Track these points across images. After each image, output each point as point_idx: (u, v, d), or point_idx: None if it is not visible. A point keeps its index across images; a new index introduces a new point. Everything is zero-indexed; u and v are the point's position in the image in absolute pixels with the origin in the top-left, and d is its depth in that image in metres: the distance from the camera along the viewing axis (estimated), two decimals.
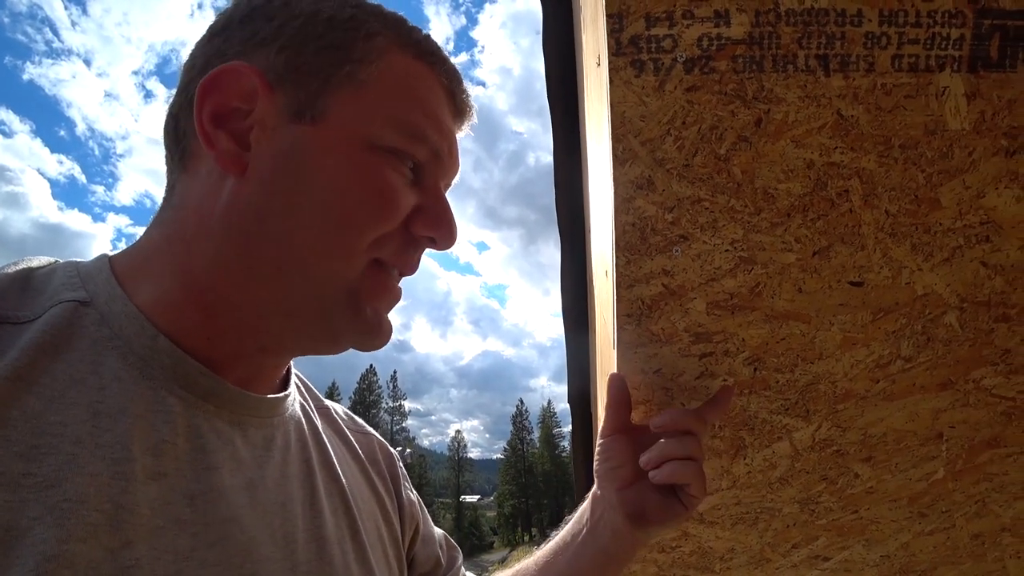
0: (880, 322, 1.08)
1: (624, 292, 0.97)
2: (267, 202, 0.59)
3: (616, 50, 0.85)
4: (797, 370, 1.12)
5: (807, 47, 0.97)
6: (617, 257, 0.94)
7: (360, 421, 0.94)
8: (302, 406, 0.78)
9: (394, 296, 0.69)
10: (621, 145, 0.88)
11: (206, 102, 0.59)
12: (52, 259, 0.63)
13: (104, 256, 0.63)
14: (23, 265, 0.59)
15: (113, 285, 0.58)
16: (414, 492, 0.98)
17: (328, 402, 0.89)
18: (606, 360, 1.20)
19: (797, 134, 0.98)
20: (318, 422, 0.80)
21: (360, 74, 0.61)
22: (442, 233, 0.68)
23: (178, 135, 0.64)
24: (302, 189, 0.59)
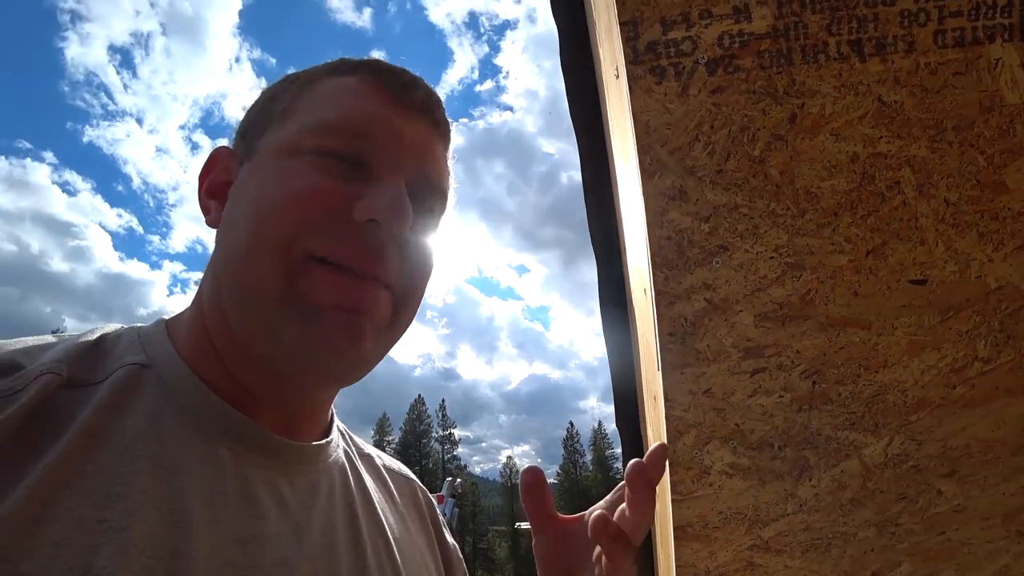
0: (950, 322, 0.98)
1: (665, 310, 0.91)
2: (222, 236, 0.67)
3: (633, 58, 0.81)
4: (861, 381, 1.03)
5: (838, 33, 0.91)
6: (654, 274, 0.89)
7: (401, 466, 0.95)
8: (345, 452, 0.80)
9: (351, 293, 0.62)
10: (648, 156, 0.83)
11: (202, 183, 0.71)
12: (120, 325, 0.70)
13: (162, 320, 0.70)
14: (98, 333, 0.66)
15: (168, 347, 0.64)
16: (451, 537, 0.94)
17: (369, 448, 0.91)
18: (651, 382, 1.14)
19: (836, 127, 0.91)
20: (361, 467, 0.81)
21: (286, 110, 0.68)
22: (380, 211, 0.62)
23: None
24: (237, 213, 0.65)
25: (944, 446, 1.06)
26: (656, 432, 1.35)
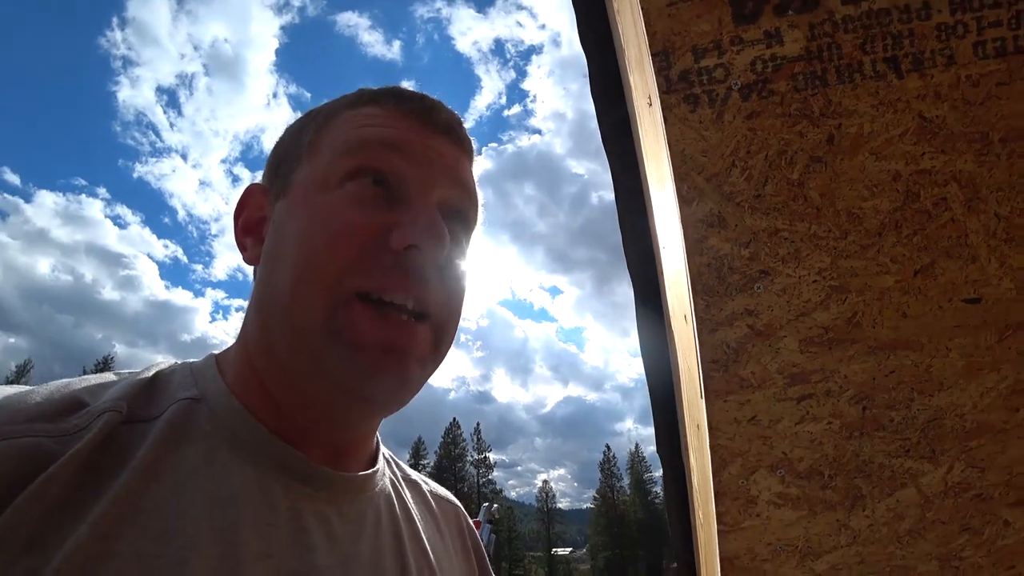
0: (1009, 341, 0.94)
1: (706, 337, 0.90)
2: (264, 274, 0.67)
3: (667, 88, 0.81)
4: (914, 405, 0.99)
5: (872, 52, 0.90)
6: (695, 301, 0.87)
7: (446, 492, 0.96)
8: (391, 480, 0.81)
9: (397, 333, 0.63)
10: (685, 184, 0.83)
11: (237, 221, 0.73)
12: (174, 360, 0.72)
13: (212, 355, 0.71)
14: (154, 370, 0.68)
15: (218, 381, 0.66)
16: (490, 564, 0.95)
17: (415, 474, 0.92)
18: (694, 410, 1.11)
19: (876, 145, 0.89)
20: (407, 495, 0.82)
21: (312, 143, 0.69)
22: (417, 236, 0.62)
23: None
24: (278, 250, 0.66)
25: (1009, 473, 1.01)
26: (700, 460, 1.31)
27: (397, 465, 0.88)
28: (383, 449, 0.84)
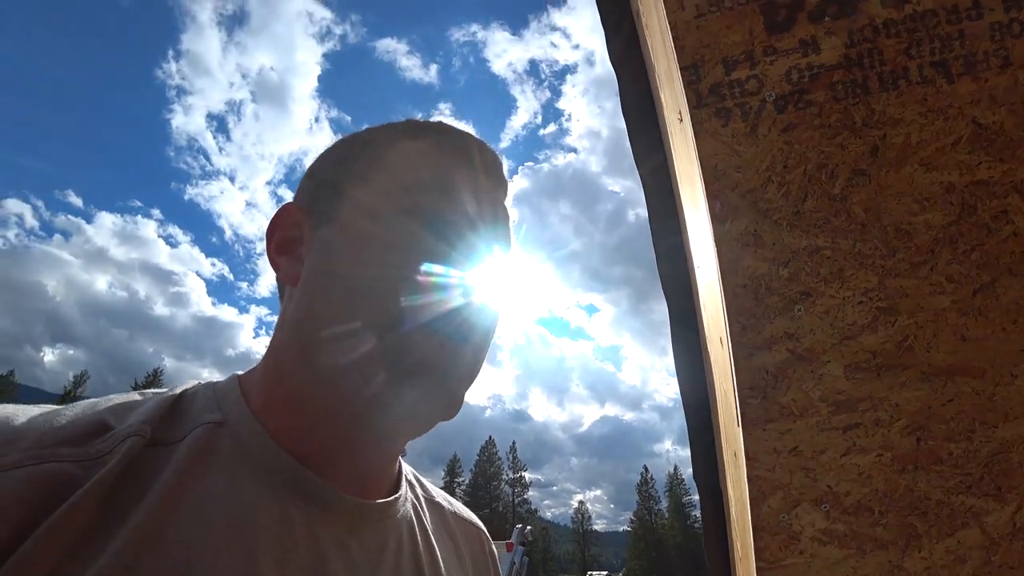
0: None
1: (743, 362, 0.84)
2: (310, 293, 0.68)
3: (697, 103, 0.77)
4: (976, 437, 0.90)
5: (918, 56, 0.84)
6: (730, 324, 0.82)
7: (469, 514, 0.95)
8: (414, 505, 0.81)
9: (442, 357, 0.66)
10: (718, 202, 0.79)
11: (271, 240, 0.73)
12: (197, 381, 0.74)
13: (235, 376, 0.72)
14: (178, 391, 0.69)
15: (242, 405, 0.66)
16: None
17: (439, 495, 0.91)
18: (731, 437, 1.05)
19: (926, 156, 0.83)
20: (427, 520, 0.82)
21: (359, 176, 0.71)
22: (464, 263, 0.67)
23: (279, 283, 0.77)
24: (329, 273, 0.68)
25: None
26: (738, 491, 1.24)
27: (421, 485, 0.88)
28: (406, 470, 0.84)
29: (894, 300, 0.84)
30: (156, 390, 0.69)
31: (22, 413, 0.58)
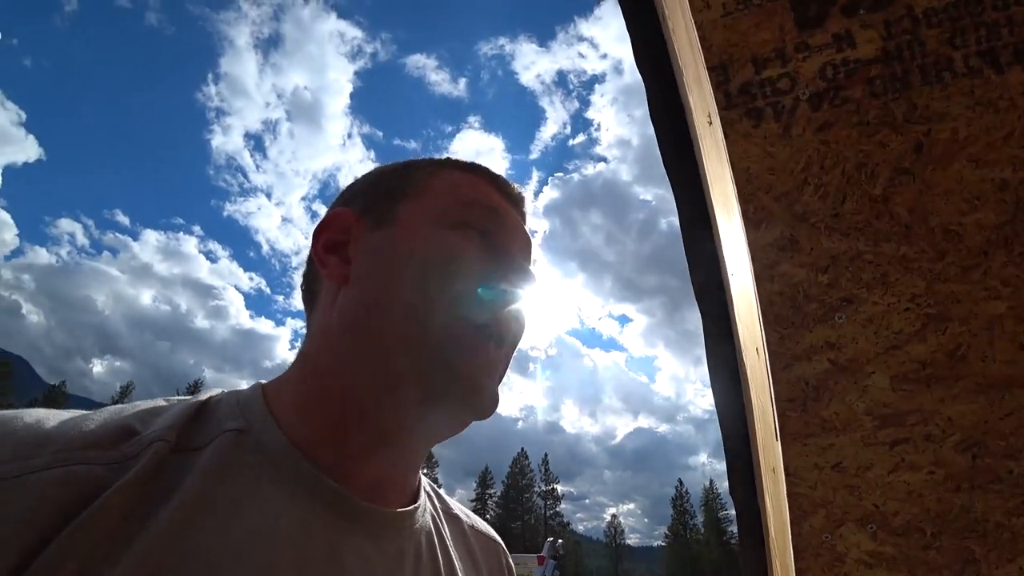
0: None
1: (781, 373, 0.80)
2: (365, 294, 0.70)
3: (726, 104, 0.74)
4: None
5: (963, 46, 0.79)
6: (767, 333, 0.78)
7: (486, 527, 0.96)
8: (432, 516, 0.81)
9: (491, 358, 0.70)
10: (751, 206, 0.75)
11: (320, 238, 0.75)
12: (221, 390, 0.76)
13: (258, 385, 0.75)
14: (203, 397, 0.71)
15: (265, 414, 0.67)
16: None
17: (456, 508, 0.92)
18: (769, 451, 1.00)
19: (975, 151, 0.78)
20: (446, 531, 0.83)
21: (416, 188, 0.76)
22: (517, 280, 0.71)
23: (309, 285, 0.79)
24: (388, 275, 0.70)
25: None
26: (776, 508, 1.18)
27: (439, 498, 0.89)
28: (424, 482, 0.85)
29: (944, 306, 0.79)
30: (181, 397, 0.71)
31: (52, 417, 0.60)
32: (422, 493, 0.81)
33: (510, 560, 0.97)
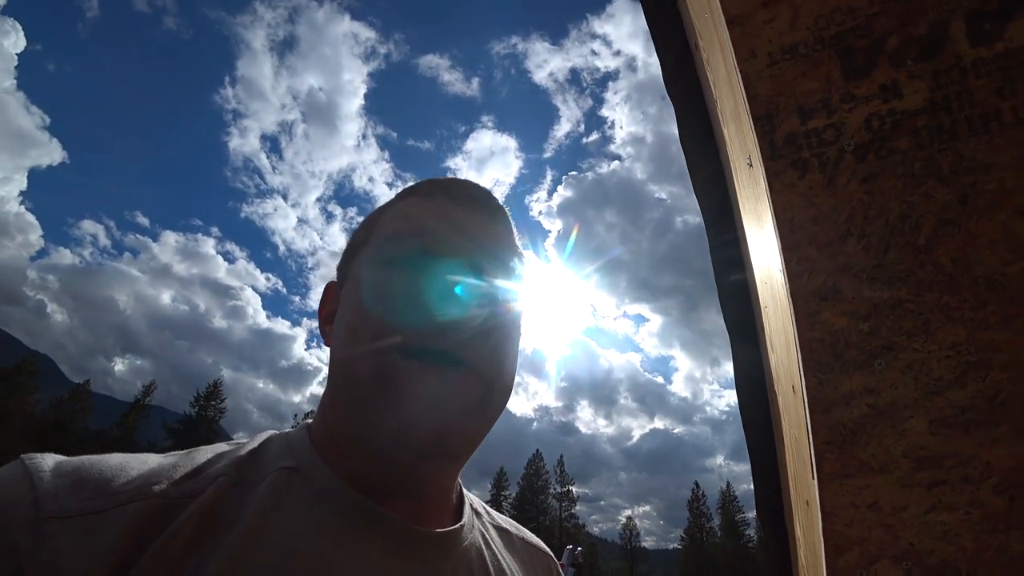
0: None
1: (819, 417, 0.82)
2: (332, 350, 0.76)
3: (771, 154, 0.77)
4: None
5: (1012, 96, 0.80)
6: (806, 378, 0.80)
7: (537, 540, 0.98)
8: (481, 531, 0.84)
9: (439, 384, 0.68)
10: (794, 256, 0.77)
11: (321, 314, 0.85)
12: (274, 430, 0.81)
13: (305, 426, 0.80)
14: (257, 441, 0.75)
15: (311, 451, 0.73)
16: None
17: (505, 522, 0.94)
18: (801, 485, 1.02)
19: (1022, 201, 0.79)
20: (497, 546, 0.85)
21: (365, 238, 0.80)
22: (446, 286, 0.70)
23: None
24: (336, 328, 0.77)
25: None
26: (809, 537, 1.20)
27: (488, 513, 0.91)
28: (469, 499, 0.87)
29: (985, 354, 0.80)
30: (237, 441, 0.78)
31: (131, 459, 0.66)
32: (467, 509, 0.83)
33: (560, 571, 0.99)
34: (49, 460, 0.62)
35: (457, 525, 0.78)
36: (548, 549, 0.99)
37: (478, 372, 0.70)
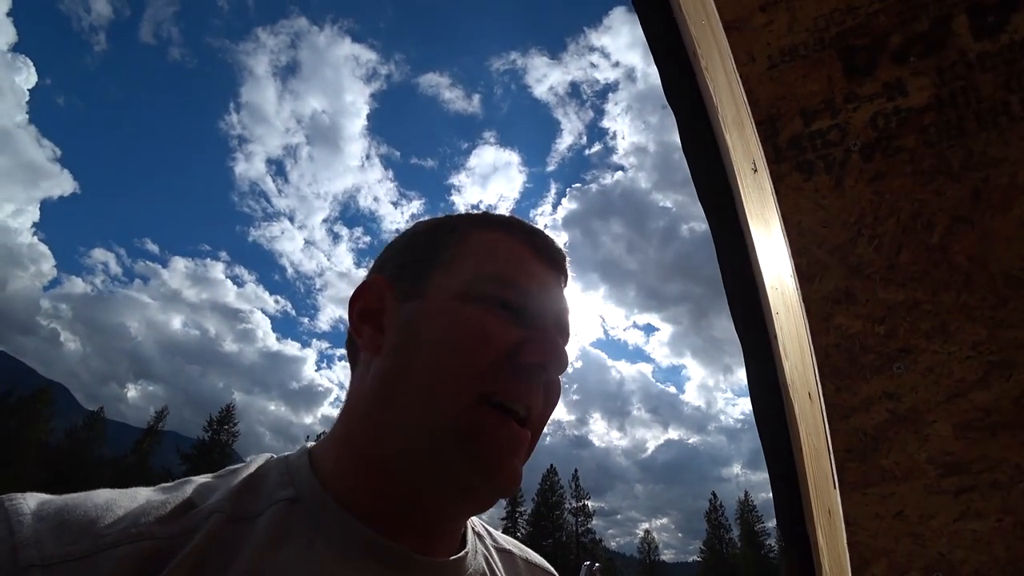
0: None
1: (839, 424, 0.79)
2: (392, 366, 0.71)
3: (775, 158, 0.75)
4: None
5: (1020, 89, 0.78)
6: (823, 385, 0.78)
7: (540, 560, 0.95)
8: (484, 556, 0.81)
9: (512, 437, 0.69)
10: (805, 260, 0.75)
11: (355, 307, 0.77)
12: (269, 455, 0.78)
13: (305, 450, 0.77)
14: (252, 467, 0.74)
15: (312, 480, 0.70)
16: None
17: (508, 543, 0.92)
18: (823, 495, 0.98)
19: None
20: (500, 571, 0.83)
21: (449, 254, 0.76)
22: (545, 357, 0.69)
23: (351, 346, 0.81)
24: (414, 348, 0.70)
25: None
26: (832, 548, 1.16)
27: (490, 535, 0.89)
28: (474, 522, 0.85)
29: (1008, 353, 0.77)
30: (231, 468, 0.75)
31: (119, 496, 0.63)
32: (470, 535, 0.81)
33: None
34: (31, 501, 0.59)
35: (462, 553, 0.76)
36: (551, 567, 0.96)
37: (534, 434, 0.73)
